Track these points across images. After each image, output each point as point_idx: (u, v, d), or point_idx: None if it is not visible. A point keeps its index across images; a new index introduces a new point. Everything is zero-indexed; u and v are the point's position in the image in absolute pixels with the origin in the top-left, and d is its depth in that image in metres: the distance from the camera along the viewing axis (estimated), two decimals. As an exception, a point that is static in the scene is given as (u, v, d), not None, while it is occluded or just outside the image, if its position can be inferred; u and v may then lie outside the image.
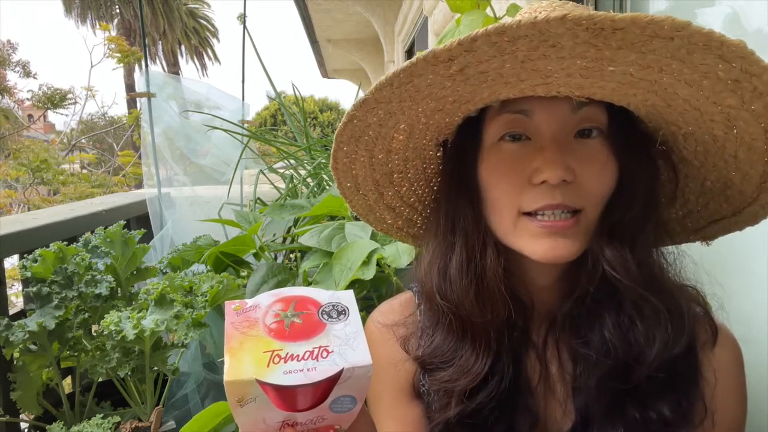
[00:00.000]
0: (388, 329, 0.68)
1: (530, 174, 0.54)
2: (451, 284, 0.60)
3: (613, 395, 0.56)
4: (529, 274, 0.61)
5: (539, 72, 0.48)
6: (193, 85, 2.83)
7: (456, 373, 0.59)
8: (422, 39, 3.87)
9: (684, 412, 0.57)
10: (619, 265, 0.54)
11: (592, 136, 0.55)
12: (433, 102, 0.55)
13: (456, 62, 0.46)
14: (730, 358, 0.61)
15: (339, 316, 0.48)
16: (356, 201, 0.70)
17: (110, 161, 9.96)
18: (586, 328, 0.58)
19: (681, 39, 0.41)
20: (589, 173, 0.54)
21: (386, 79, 0.49)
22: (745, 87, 0.45)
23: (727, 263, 0.76)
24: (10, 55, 13.23)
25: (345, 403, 0.47)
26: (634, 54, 0.44)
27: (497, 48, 0.44)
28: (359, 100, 0.53)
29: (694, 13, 1.02)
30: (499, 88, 0.51)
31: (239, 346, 0.45)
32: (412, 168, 0.67)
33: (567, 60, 0.45)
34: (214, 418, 0.82)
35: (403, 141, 0.63)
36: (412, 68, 0.47)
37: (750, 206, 0.58)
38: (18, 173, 7.20)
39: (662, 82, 0.47)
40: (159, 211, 2.29)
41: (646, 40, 0.41)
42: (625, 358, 0.55)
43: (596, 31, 0.41)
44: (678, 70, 0.45)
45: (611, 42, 0.42)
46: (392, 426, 0.66)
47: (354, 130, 0.58)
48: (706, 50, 0.41)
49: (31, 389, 1.25)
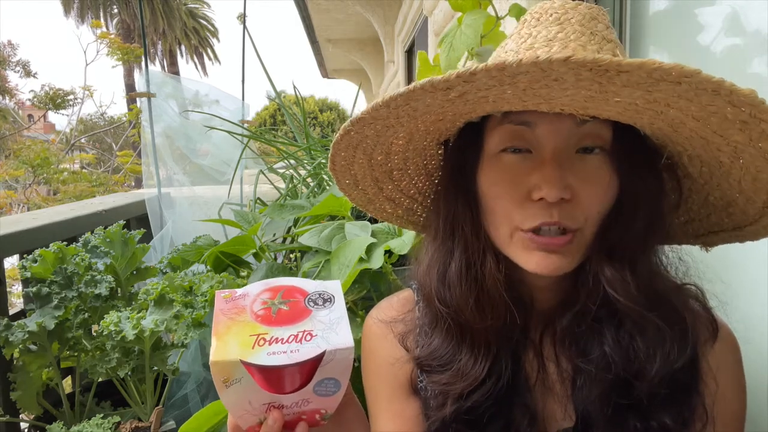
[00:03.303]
0: (386, 325, 0.68)
1: (529, 189, 0.53)
2: (451, 290, 0.59)
3: (614, 407, 0.56)
4: (528, 276, 0.61)
5: (542, 96, 0.47)
6: (193, 84, 2.83)
7: (453, 377, 0.59)
8: (422, 39, 3.87)
9: (685, 420, 0.56)
10: (619, 285, 0.54)
11: (594, 152, 0.54)
12: (432, 116, 0.54)
13: (455, 90, 0.46)
14: (729, 354, 0.61)
15: (325, 303, 0.50)
16: (355, 195, 0.70)
17: (109, 161, 9.96)
18: (585, 342, 0.57)
19: (689, 84, 0.40)
20: (588, 192, 0.53)
21: (383, 101, 0.49)
22: (752, 128, 0.44)
23: (727, 262, 0.76)
24: (10, 55, 13.24)
25: (329, 386, 0.49)
26: (639, 91, 0.43)
27: (497, 80, 0.43)
28: (355, 117, 0.53)
29: (694, 13, 1.02)
30: (501, 104, 0.51)
31: (226, 330, 0.47)
32: (413, 165, 0.67)
33: (570, 90, 0.45)
34: (213, 416, 0.82)
35: (403, 145, 0.63)
36: (410, 94, 0.46)
37: (751, 225, 0.58)
38: (18, 172, 7.20)
39: (669, 114, 0.47)
40: (159, 211, 2.29)
41: (652, 82, 0.41)
42: (625, 374, 0.55)
43: (600, 71, 0.40)
44: (685, 108, 0.44)
45: (615, 81, 0.41)
46: (389, 422, 0.66)
47: (351, 141, 0.58)
48: (714, 95, 0.41)
49: (31, 389, 1.25)
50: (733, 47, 0.93)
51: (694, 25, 1.03)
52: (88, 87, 9.56)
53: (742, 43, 0.91)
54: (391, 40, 5.31)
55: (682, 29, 1.06)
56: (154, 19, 19.97)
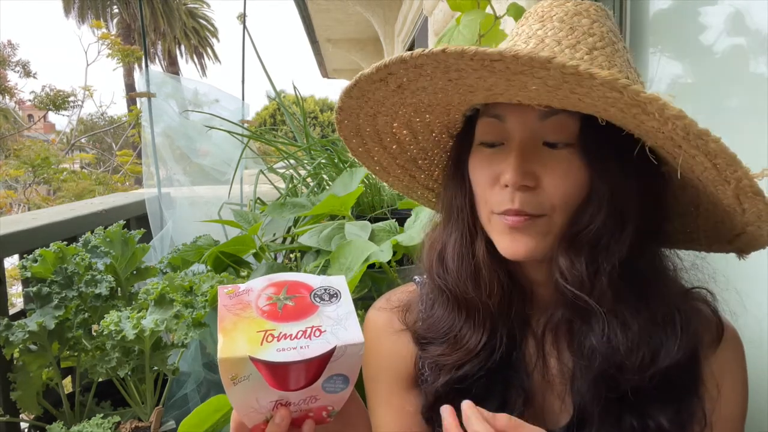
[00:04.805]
0: (389, 314, 0.69)
1: (497, 176, 0.57)
2: (448, 266, 0.63)
3: (607, 401, 0.56)
4: (523, 268, 0.62)
5: (481, 86, 0.52)
6: (193, 84, 2.83)
7: (450, 348, 0.61)
8: (422, 39, 3.87)
9: (683, 422, 0.57)
10: (568, 273, 0.55)
11: (557, 147, 0.55)
12: (403, 107, 0.61)
13: (389, 82, 0.53)
14: (733, 356, 0.61)
15: (331, 298, 0.50)
16: (391, 181, 0.75)
17: (109, 161, 9.96)
18: (578, 333, 0.58)
19: (551, 73, 0.44)
20: (553, 181, 0.55)
21: (344, 90, 0.56)
22: (636, 109, 0.45)
23: (733, 264, 0.76)
24: (10, 55, 13.24)
25: (337, 383, 0.48)
26: (534, 78, 0.46)
27: (414, 72, 0.50)
28: (336, 106, 0.60)
29: (694, 13, 1.02)
30: (467, 96, 0.56)
31: (233, 326, 0.46)
32: (436, 156, 0.72)
33: (488, 80, 0.49)
34: (214, 413, 0.81)
35: (409, 134, 0.67)
36: (355, 87, 0.55)
37: (738, 237, 0.58)
38: (18, 172, 7.20)
39: (596, 105, 0.49)
40: (159, 211, 2.29)
41: (527, 70, 0.45)
42: (608, 367, 0.55)
43: (478, 61, 0.45)
44: (588, 98, 0.47)
45: (499, 68, 0.46)
46: (389, 414, 0.66)
47: (350, 128, 0.64)
48: (576, 79, 0.44)
49: (31, 389, 1.25)
50: (734, 47, 0.93)
51: (694, 25, 1.02)
52: (88, 87, 9.55)
53: (743, 43, 0.91)
54: (391, 40, 5.31)
55: (682, 29, 1.06)
56: (154, 19, 19.97)
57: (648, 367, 0.54)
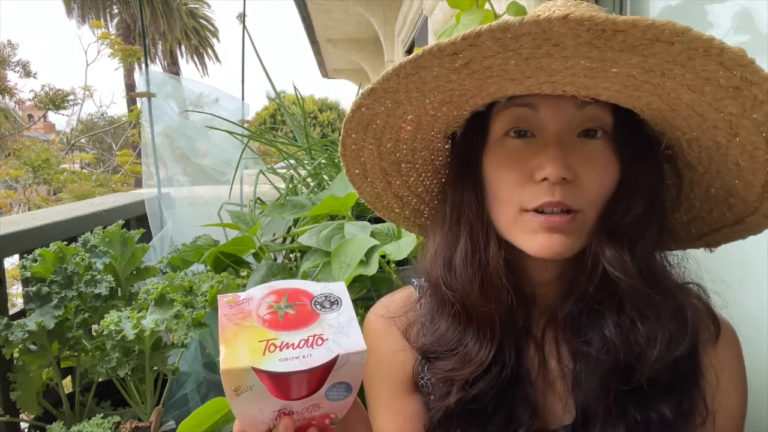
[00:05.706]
0: (388, 321, 0.68)
1: (532, 170, 0.54)
2: (456, 275, 0.60)
3: (614, 395, 0.56)
4: (529, 270, 0.62)
5: (544, 70, 0.48)
6: (193, 84, 2.83)
7: (459, 362, 0.60)
8: (422, 39, 3.87)
9: (685, 413, 0.57)
10: (618, 264, 0.55)
11: (596, 136, 0.55)
12: (440, 94, 0.55)
13: (461, 56, 0.47)
14: (730, 352, 0.62)
15: (332, 306, 0.49)
16: (364, 188, 0.71)
17: (109, 161, 9.96)
18: (587, 327, 0.58)
19: (681, 44, 0.41)
20: (589, 174, 0.54)
21: (393, 69, 0.50)
22: (745, 95, 0.45)
23: (728, 261, 0.76)
24: (10, 55, 13.24)
25: (340, 391, 0.48)
26: (636, 57, 0.44)
27: (501, 44, 0.45)
28: (367, 88, 0.54)
29: (694, 13, 1.02)
30: (505, 83, 0.52)
31: (234, 336, 0.45)
32: (420, 159, 0.68)
33: (571, 59, 0.46)
34: (213, 414, 0.81)
35: (411, 131, 0.64)
36: (418, 60, 0.48)
37: (752, 215, 0.58)
38: (18, 172, 7.20)
39: (665, 86, 0.48)
40: (159, 211, 2.29)
41: (647, 43, 0.42)
42: (625, 359, 0.55)
43: (597, 32, 0.42)
44: (680, 75, 0.45)
45: (613, 44, 0.43)
46: (389, 419, 0.66)
47: (362, 118, 0.60)
48: (706, 56, 0.42)
49: (31, 389, 1.25)
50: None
51: (694, 25, 1.02)
52: (88, 87, 9.56)
53: (743, 43, 0.91)
54: (391, 40, 5.31)
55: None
56: (154, 19, 19.97)
57: (664, 357, 0.55)
